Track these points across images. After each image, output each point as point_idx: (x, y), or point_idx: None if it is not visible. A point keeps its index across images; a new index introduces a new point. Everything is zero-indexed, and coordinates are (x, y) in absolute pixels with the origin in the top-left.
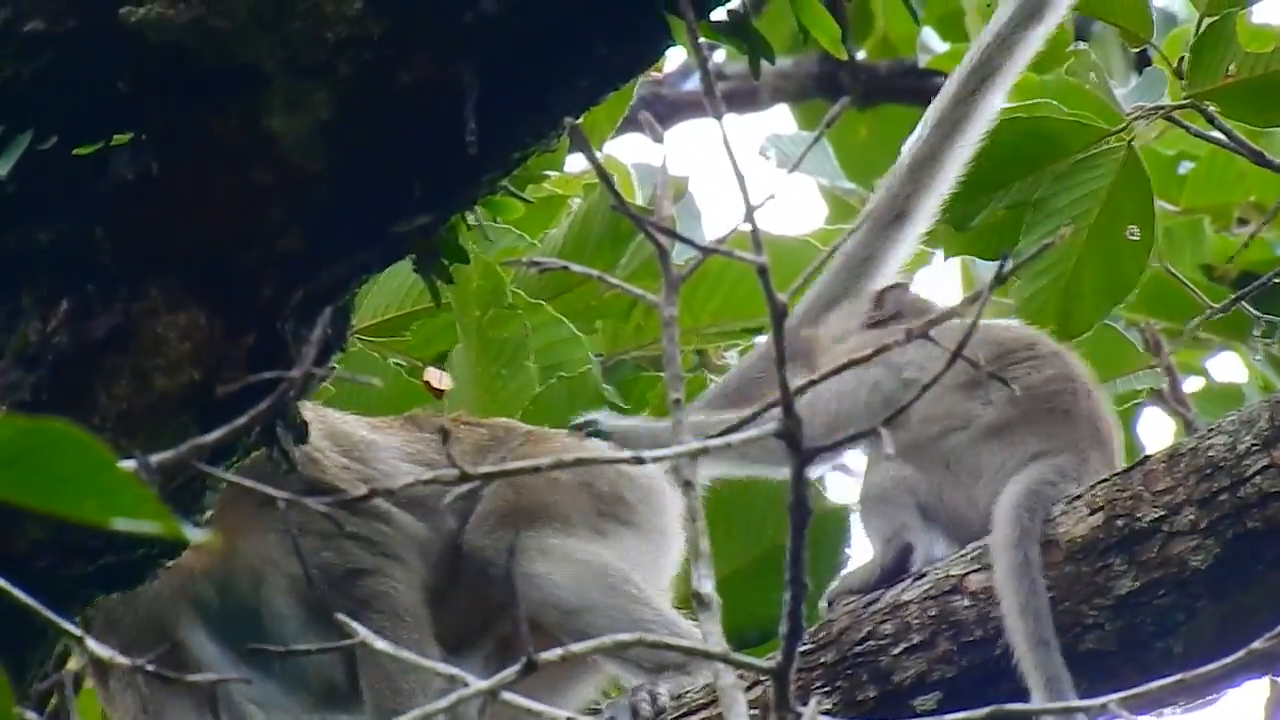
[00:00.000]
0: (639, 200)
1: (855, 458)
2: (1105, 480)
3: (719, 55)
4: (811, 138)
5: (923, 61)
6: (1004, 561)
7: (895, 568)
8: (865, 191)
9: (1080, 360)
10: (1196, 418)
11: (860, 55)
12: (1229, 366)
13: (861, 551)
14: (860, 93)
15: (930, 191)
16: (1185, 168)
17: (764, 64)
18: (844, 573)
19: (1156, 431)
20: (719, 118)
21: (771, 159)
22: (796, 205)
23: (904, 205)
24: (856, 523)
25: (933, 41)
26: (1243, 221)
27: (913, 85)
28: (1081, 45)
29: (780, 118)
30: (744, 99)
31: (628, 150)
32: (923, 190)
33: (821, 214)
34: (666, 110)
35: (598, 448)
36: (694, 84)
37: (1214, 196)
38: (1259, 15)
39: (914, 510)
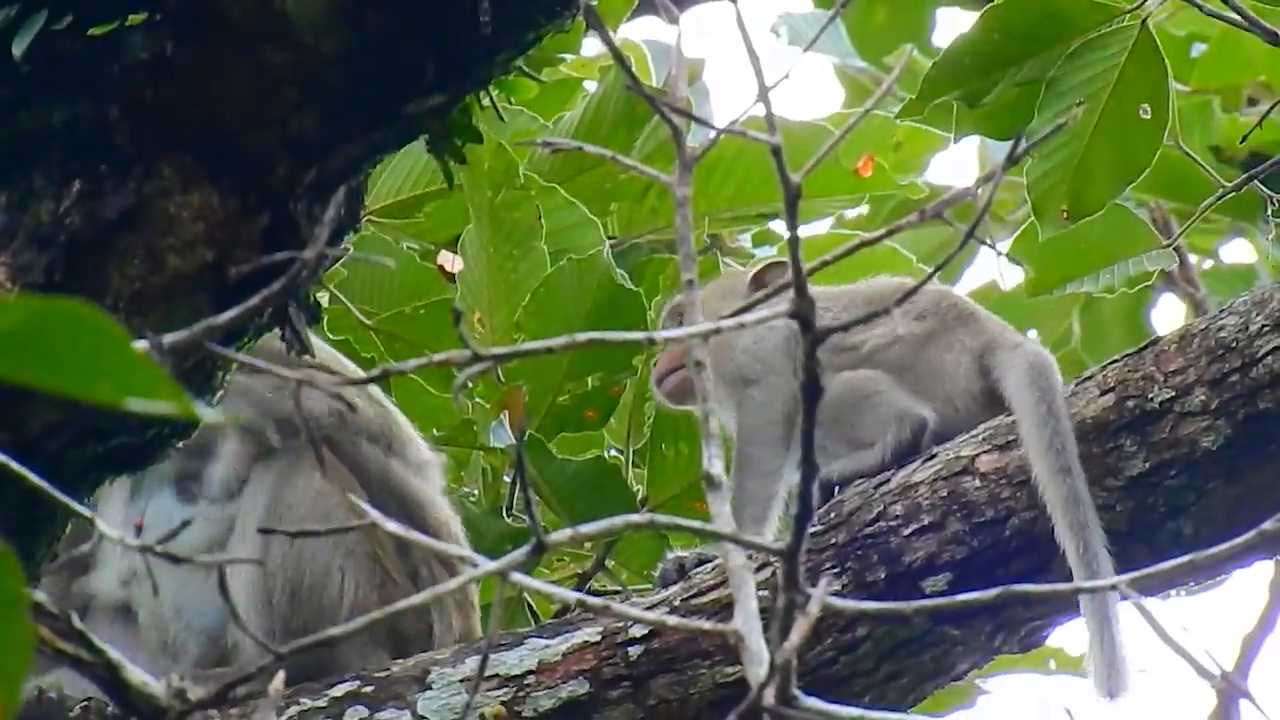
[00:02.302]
0: (654, 82)
1: None
2: (1116, 360)
3: None
4: (826, 16)
5: None
6: (1029, 410)
7: (912, 444)
8: (880, 72)
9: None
10: (1206, 298)
11: None
12: (1240, 251)
13: None
14: None
15: None
16: (1197, 50)
17: None
18: (853, 455)
19: (1171, 319)
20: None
21: (783, 37)
22: (812, 86)
23: None
24: None
25: None
26: (1252, 101)
27: None
28: None
29: (804, 4)
30: None
31: (643, 32)
32: None
33: (838, 95)
34: None
35: None
36: None
37: (1223, 77)
38: None
39: (905, 392)
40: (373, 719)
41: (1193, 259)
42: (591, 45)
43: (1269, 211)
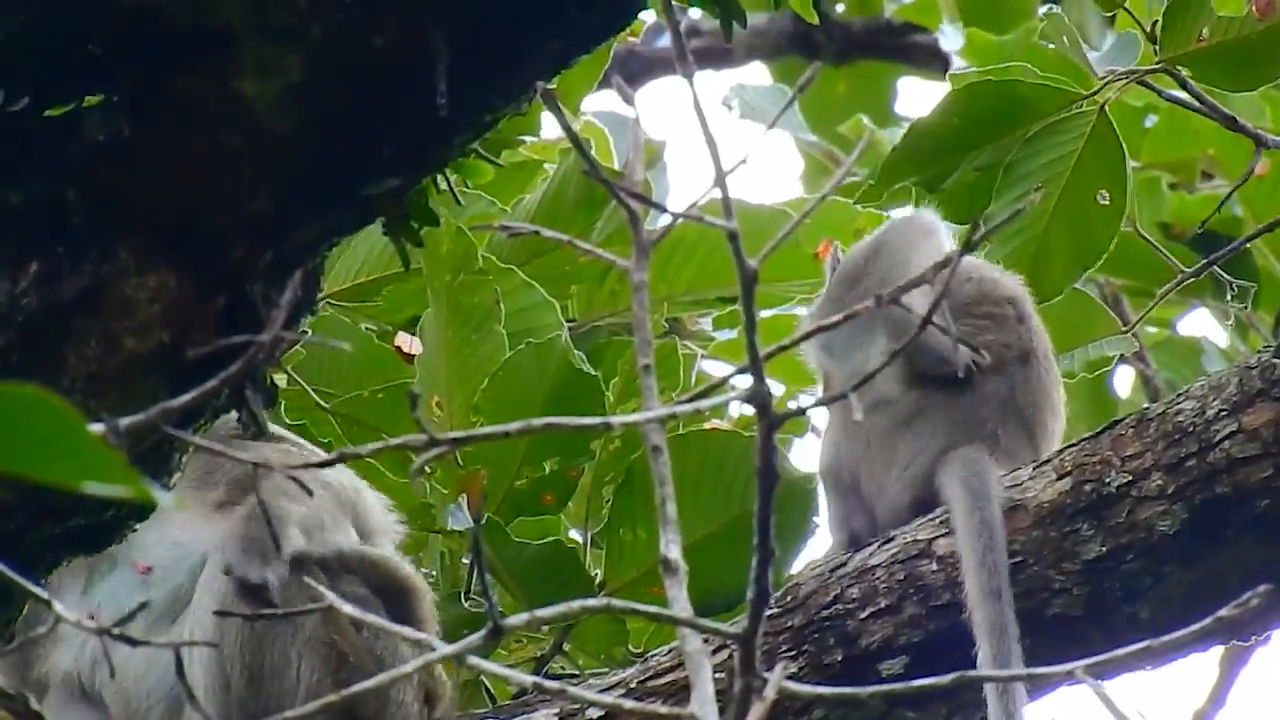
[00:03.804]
0: (615, 160)
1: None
2: (1074, 444)
3: (694, 11)
4: (780, 90)
5: (888, 11)
6: (963, 520)
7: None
8: (833, 147)
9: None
10: (1155, 373)
11: (840, 8)
12: (1199, 323)
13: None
14: (835, 50)
15: None
16: (1150, 121)
17: (738, 21)
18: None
19: (1128, 383)
20: (691, 80)
21: (735, 109)
22: (771, 159)
23: None
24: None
25: None
26: (1206, 176)
27: (887, 42)
28: (1055, 8)
29: (755, 74)
30: (718, 56)
31: (604, 103)
32: None
33: (797, 167)
34: (641, 67)
35: None
36: (669, 41)
37: (1175, 152)
38: None
39: (850, 490)
40: None
41: (1150, 329)
42: (551, 126)
43: (1229, 296)
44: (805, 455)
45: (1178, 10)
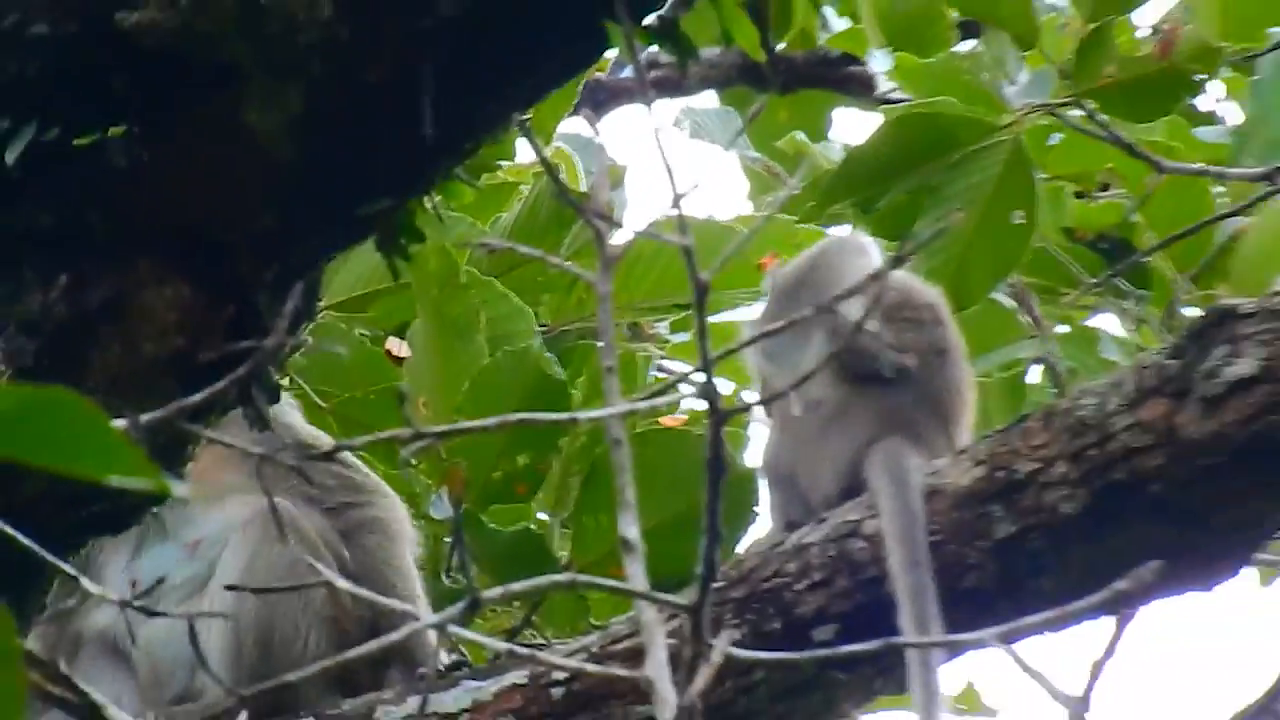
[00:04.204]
0: (583, 181)
1: None
2: (988, 436)
3: (653, 47)
4: (727, 112)
5: (822, 39)
6: (886, 503)
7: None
8: (774, 163)
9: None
10: (1059, 361)
11: (781, 45)
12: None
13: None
14: (779, 81)
15: None
16: (1054, 139)
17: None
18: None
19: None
20: (650, 111)
21: (686, 130)
22: (720, 176)
23: None
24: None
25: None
26: (1103, 187)
27: (825, 74)
28: (976, 45)
29: (708, 101)
30: (675, 85)
31: (574, 127)
32: None
33: (743, 184)
34: (607, 96)
35: None
36: (631, 72)
37: (1076, 165)
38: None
39: (791, 488)
40: None
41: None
42: (526, 151)
43: (1129, 304)
44: (751, 452)
45: (1087, 49)
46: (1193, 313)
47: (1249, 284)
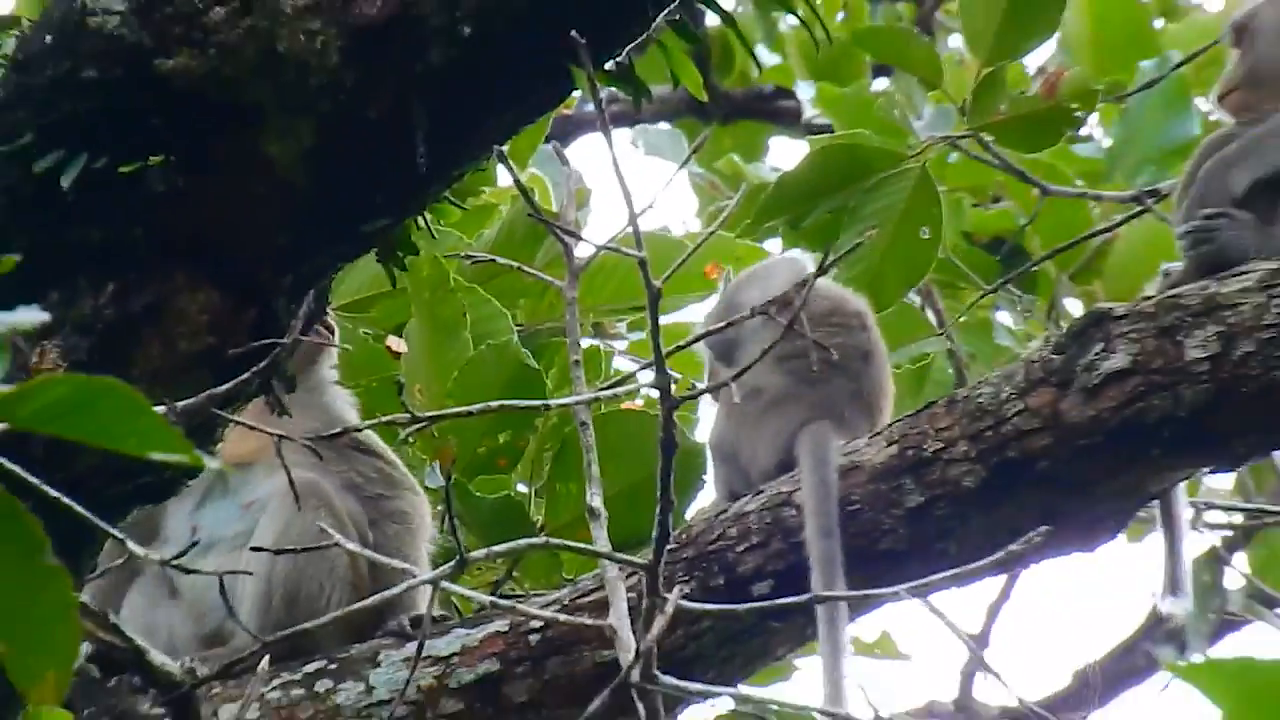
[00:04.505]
0: (554, 203)
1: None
2: (900, 420)
3: (612, 88)
4: (676, 134)
5: (755, 73)
6: (806, 477)
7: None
8: (716, 179)
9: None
10: (960, 347)
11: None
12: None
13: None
14: (722, 114)
15: None
16: (953, 158)
17: (645, 96)
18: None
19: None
20: (609, 139)
21: (641, 148)
22: (671, 197)
23: None
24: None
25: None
26: (995, 199)
27: (761, 107)
28: (888, 85)
29: (660, 130)
30: (631, 118)
31: (546, 156)
32: None
33: (692, 204)
34: (573, 127)
35: None
36: (593, 108)
37: (972, 179)
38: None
39: (734, 463)
40: (335, 689)
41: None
42: (505, 177)
43: (1020, 309)
44: (700, 431)
45: (983, 89)
46: (1072, 305)
47: (1119, 285)
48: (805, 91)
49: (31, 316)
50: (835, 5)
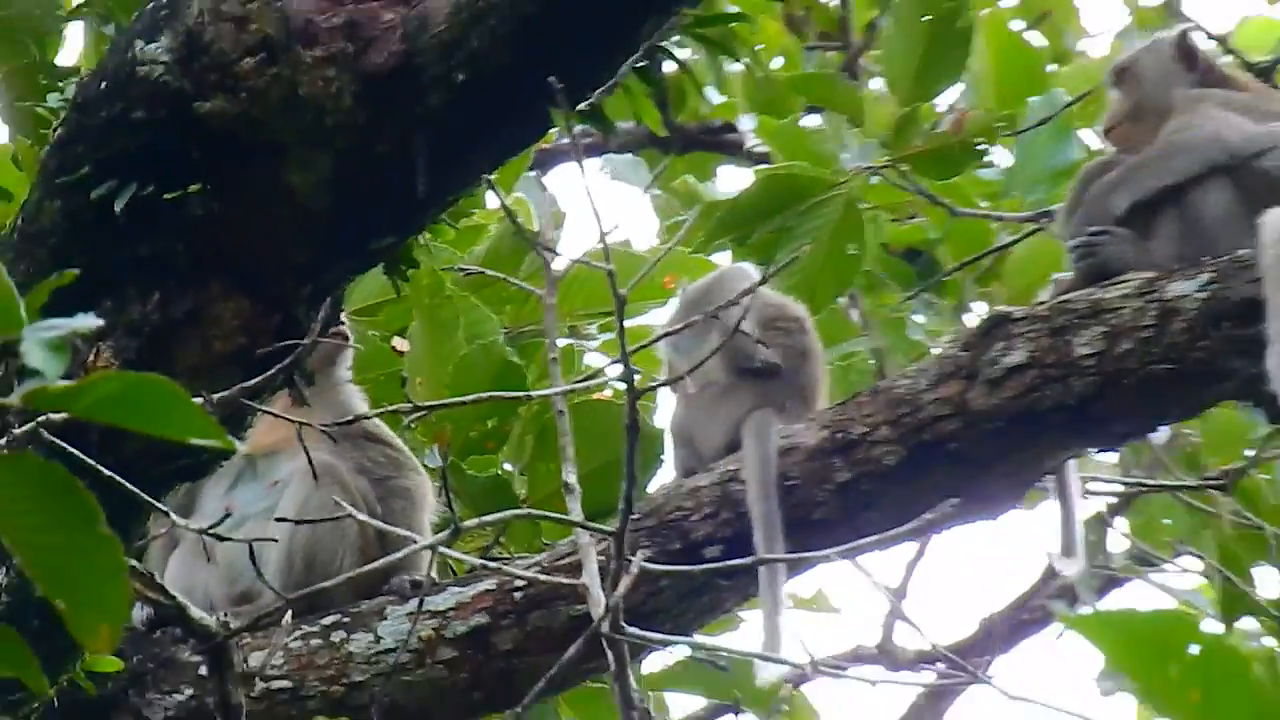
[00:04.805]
0: (535, 223)
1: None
2: (831, 408)
3: (584, 124)
4: (639, 162)
5: (705, 109)
6: (749, 455)
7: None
8: (674, 200)
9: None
10: (881, 343)
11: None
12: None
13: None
14: (678, 146)
15: None
16: (874, 180)
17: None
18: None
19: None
20: (582, 169)
21: (608, 173)
22: (634, 219)
23: None
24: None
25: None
26: (910, 215)
27: (712, 140)
28: (820, 123)
29: (625, 159)
30: (600, 148)
31: (528, 182)
32: None
33: (654, 224)
34: (551, 158)
35: None
36: (568, 140)
37: (889, 197)
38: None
39: (689, 445)
40: (348, 639)
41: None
42: (493, 201)
43: (924, 314)
44: (660, 417)
45: (901, 126)
46: (975, 304)
47: (1015, 289)
48: (747, 124)
49: (88, 322)
50: (773, 51)
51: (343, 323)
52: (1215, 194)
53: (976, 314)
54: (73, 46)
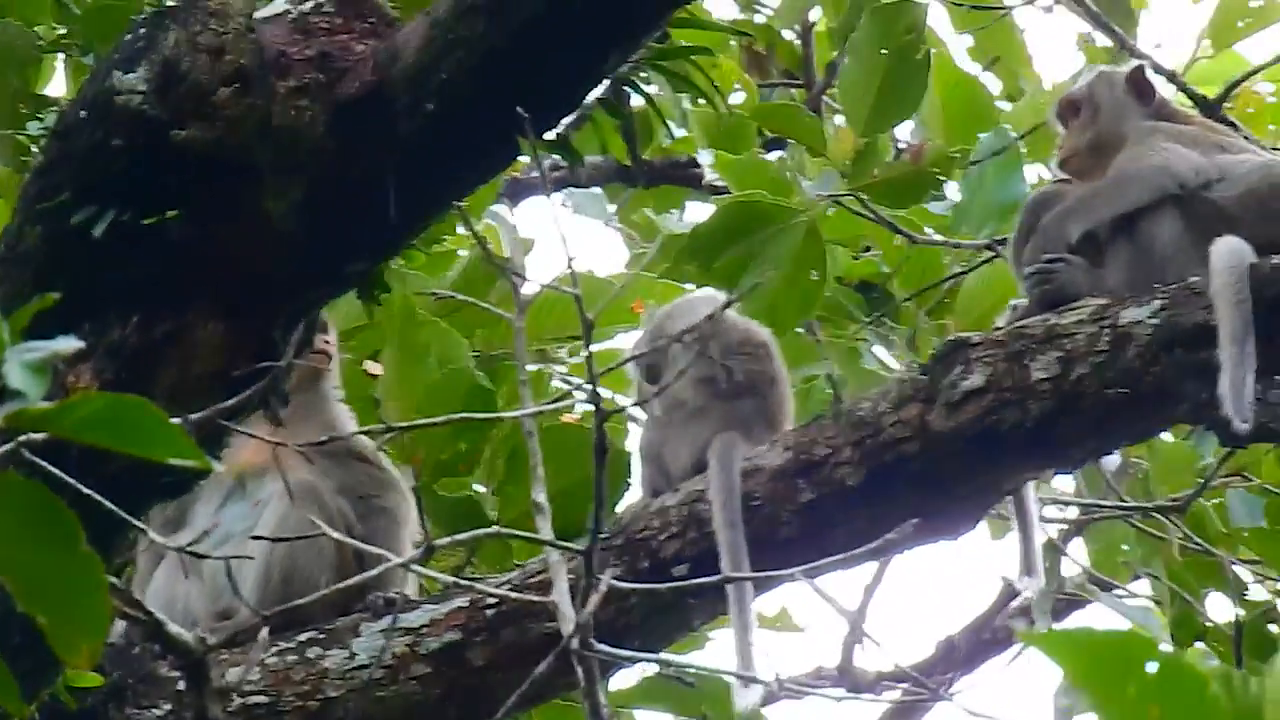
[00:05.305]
0: (505, 249)
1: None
2: (794, 430)
3: (553, 155)
4: (600, 197)
5: (665, 141)
6: (714, 478)
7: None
8: (633, 233)
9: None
10: (835, 370)
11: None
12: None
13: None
14: (645, 180)
15: None
16: (831, 212)
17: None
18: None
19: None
20: (548, 194)
21: (570, 207)
22: (600, 247)
23: None
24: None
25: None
26: (866, 248)
27: (677, 174)
28: (783, 154)
29: (593, 192)
30: (568, 181)
31: (497, 210)
32: None
33: (622, 253)
34: (519, 188)
35: None
36: (537, 172)
37: (845, 231)
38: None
39: (657, 465)
40: (323, 656)
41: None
42: (463, 227)
43: (890, 332)
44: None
45: (861, 157)
46: (928, 337)
47: (968, 318)
48: (705, 159)
49: (69, 344)
50: (729, 86)
51: (328, 341)
52: (1166, 223)
53: (930, 348)
54: (54, 77)
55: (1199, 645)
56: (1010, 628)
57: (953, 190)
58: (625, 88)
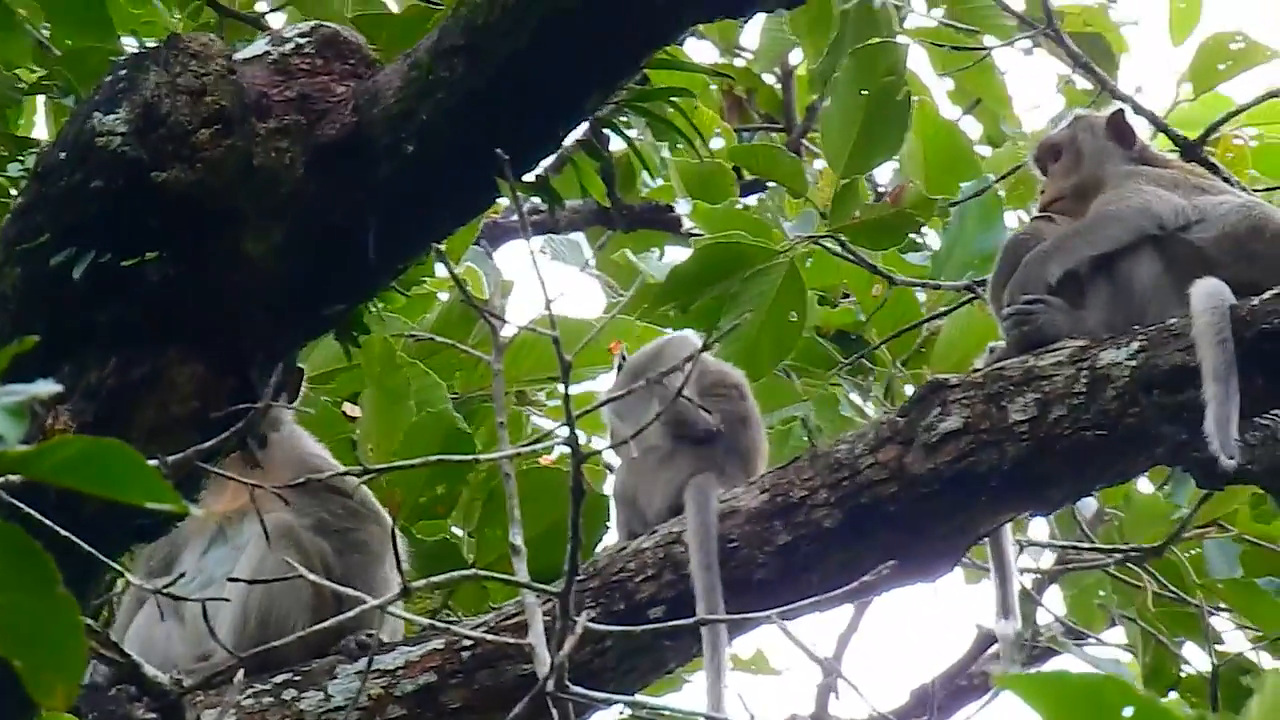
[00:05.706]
0: (485, 291)
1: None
2: (771, 471)
3: (534, 198)
4: (576, 243)
5: (644, 190)
6: (691, 521)
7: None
8: (610, 279)
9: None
10: (811, 416)
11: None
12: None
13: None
14: (624, 224)
15: None
16: (809, 262)
17: (559, 205)
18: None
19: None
20: (528, 236)
21: (548, 254)
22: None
23: None
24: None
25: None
26: (845, 295)
27: (657, 218)
28: (763, 195)
29: (573, 237)
30: (548, 225)
31: (477, 253)
32: None
33: (600, 297)
34: (498, 232)
35: None
36: (516, 215)
37: (825, 280)
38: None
39: (633, 507)
40: (299, 698)
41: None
42: (442, 270)
43: (858, 394)
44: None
45: (840, 198)
46: (904, 387)
47: (946, 364)
48: (683, 207)
49: (47, 387)
50: (709, 132)
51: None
52: (1145, 264)
53: (905, 393)
54: (35, 118)
55: (1173, 695)
56: (986, 674)
57: (932, 239)
58: (605, 130)
